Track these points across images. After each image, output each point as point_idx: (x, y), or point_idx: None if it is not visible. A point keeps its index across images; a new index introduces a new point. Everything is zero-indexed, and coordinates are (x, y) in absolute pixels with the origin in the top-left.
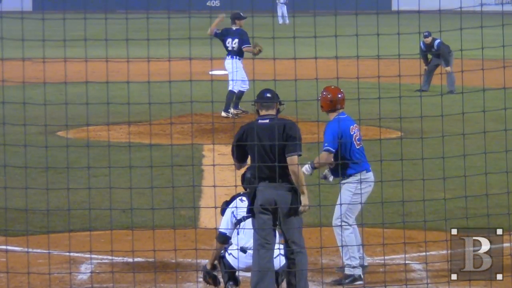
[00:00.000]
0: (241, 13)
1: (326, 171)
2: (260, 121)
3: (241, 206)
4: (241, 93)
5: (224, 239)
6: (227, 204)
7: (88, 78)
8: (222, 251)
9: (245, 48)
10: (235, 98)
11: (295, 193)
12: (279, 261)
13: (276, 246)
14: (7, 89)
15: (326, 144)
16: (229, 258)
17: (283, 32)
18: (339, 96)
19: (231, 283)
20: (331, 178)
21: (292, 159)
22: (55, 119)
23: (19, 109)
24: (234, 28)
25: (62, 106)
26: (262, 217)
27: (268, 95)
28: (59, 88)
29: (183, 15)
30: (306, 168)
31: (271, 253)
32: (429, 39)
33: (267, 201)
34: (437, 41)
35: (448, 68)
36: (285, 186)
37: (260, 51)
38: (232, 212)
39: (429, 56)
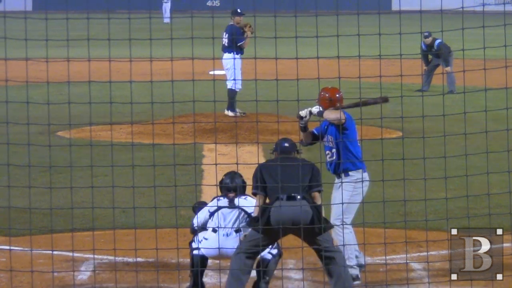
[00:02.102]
0: (238, 10)
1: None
2: (282, 156)
3: (216, 204)
4: (233, 92)
5: (194, 231)
6: (201, 204)
7: (89, 78)
8: (193, 246)
9: (240, 44)
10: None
11: (316, 210)
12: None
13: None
14: (7, 89)
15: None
16: (201, 245)
17: (269, 32)
18: (337, 95)
19: None
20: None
21: (315, 195)
22: (54, 120)
23: (19, 109)
24: (230, 24)
25: (61, 106)
26: (264, 236)
27: (286, 144)
28: (59, 88)
29: (185, 15)
30: (316, 107)
31: (251, 262)
32: (429, 40)
33: (284, 220)
34: (437, 41)
35: (448, 68)
36: (305, 203)
37: (250, 31)
38: (209, 210)
39: (429, 57)
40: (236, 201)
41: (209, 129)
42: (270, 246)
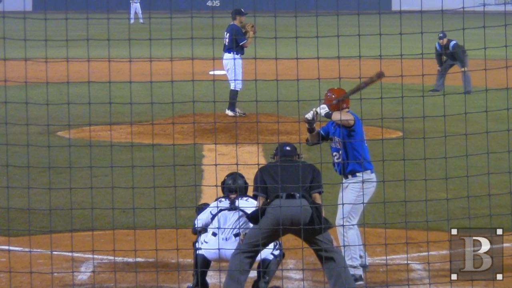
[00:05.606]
0: (241, 9)
1: (312, 113)
2: (283, 159)
3: (220, 205)
4: (234, 92)
5: (195, 232)
6: (203, 206)
7: (88, 79)
8: (196, 246)
9: (242, 44)
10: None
11: (316, 209)
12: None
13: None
14: (7, 89)
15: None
16: (202, 246)
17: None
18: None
19: None
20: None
21: (316, 196)
22: (54, 120)
23: (19, 109)
24: (231, 23)
25: (61, 107)
26: (264, 235)
27: (288, 148)
28: (58, 88)
29: (185, 15)
30: (322, 107)
31: (250, 262)
32: (444, 40)
33: (283, 219)
34: (452, 42)
35: (465, 69)
36: (304, 201)
37: (253, 31)
38: (211, 212)
39: (443, 57)
40: (237, 202)
41: (209, 129)
42: (273, 247)
